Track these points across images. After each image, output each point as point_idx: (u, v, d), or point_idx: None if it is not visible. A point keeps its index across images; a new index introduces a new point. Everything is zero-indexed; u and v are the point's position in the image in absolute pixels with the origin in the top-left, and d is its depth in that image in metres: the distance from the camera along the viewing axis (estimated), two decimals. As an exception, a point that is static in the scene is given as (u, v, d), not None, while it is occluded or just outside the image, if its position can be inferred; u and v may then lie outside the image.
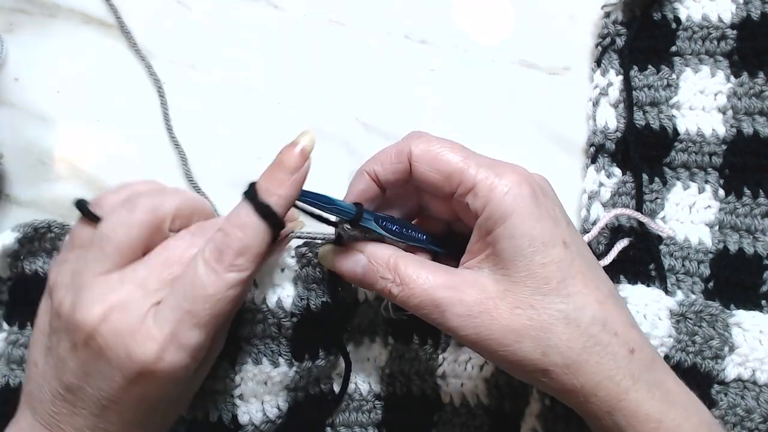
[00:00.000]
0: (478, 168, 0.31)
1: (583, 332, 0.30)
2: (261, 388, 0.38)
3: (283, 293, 0.37)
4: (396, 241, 0.34)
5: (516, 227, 0.30)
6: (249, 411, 0.38)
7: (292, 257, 0.38)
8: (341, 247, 0.33)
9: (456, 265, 0.33)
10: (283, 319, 0.37)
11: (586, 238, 0.39)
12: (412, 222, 0.36)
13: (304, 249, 0.38)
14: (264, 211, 0.30)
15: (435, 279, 0.31)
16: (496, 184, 0.30)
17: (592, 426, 0.32)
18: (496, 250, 0.30)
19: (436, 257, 0.35)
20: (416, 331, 0.40)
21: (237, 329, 0.38)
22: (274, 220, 0.30)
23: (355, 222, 0.32)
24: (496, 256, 0.31)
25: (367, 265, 0.32)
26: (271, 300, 0.37)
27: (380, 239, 0.33)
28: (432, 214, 0.36)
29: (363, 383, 0.41)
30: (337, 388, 0.41)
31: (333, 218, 0.33)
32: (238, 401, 0.38)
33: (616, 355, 0.30)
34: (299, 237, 0.38)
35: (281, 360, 0.37)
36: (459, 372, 0.39)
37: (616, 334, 0.30)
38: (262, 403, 0.38)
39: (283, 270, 0.38)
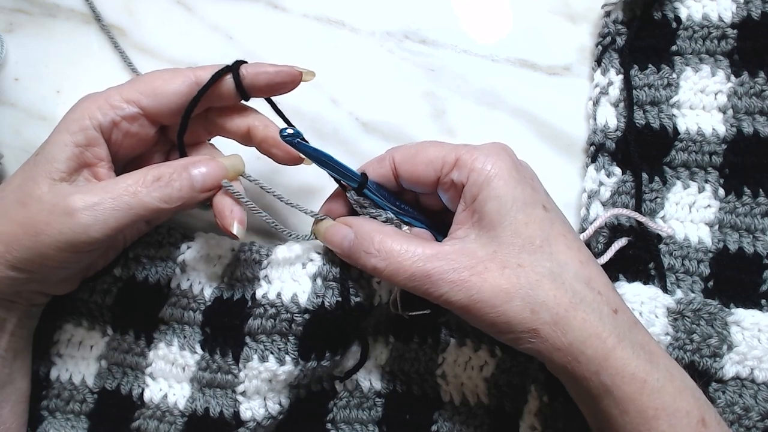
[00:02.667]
0: (457, 148, 0.34)
1: (568, 288, 0.31)
2: (265, 386, 0.37)
3: (299, 288, 0.37)
4: (394, 212, 0.36)
5: (499, 188, 0.32)
6: (251, 407, 0.38)
7: (318, 253, 0.38)
8: (332, 221, 0.36)
9: None
10: (296, 314, 0.37)
11: (583, 237, 0.39)
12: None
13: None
14: None
15: (423, 251, 0.32)
16: (477, 155, 0.33)
17: (578, 393, 0.32)
18: (482, 214, 0.32)
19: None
20: (417, 330, 0.40)
21: (245, 323, 0.38)
22: None
23: (360, 188, 0.35)
24: (482, 220, 0.32)
25: (354, 240, 0.33)
26: (286, 295, 0.37)
27: (378, 209, 0.36)
28: (424, 207, 0.38)
29: (364, 380, 0.41)
30: (339, 386, 0.41)
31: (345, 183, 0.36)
32: (240, 398, 0.38)
33: (601, 312, 0.31)
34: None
35: (288, 358, 0.37)
36: (459, 372, 0.39)
37: (600, 293, 0.31)
38: (265, 400, 0.38)
39: (305, 265, 0.38)
